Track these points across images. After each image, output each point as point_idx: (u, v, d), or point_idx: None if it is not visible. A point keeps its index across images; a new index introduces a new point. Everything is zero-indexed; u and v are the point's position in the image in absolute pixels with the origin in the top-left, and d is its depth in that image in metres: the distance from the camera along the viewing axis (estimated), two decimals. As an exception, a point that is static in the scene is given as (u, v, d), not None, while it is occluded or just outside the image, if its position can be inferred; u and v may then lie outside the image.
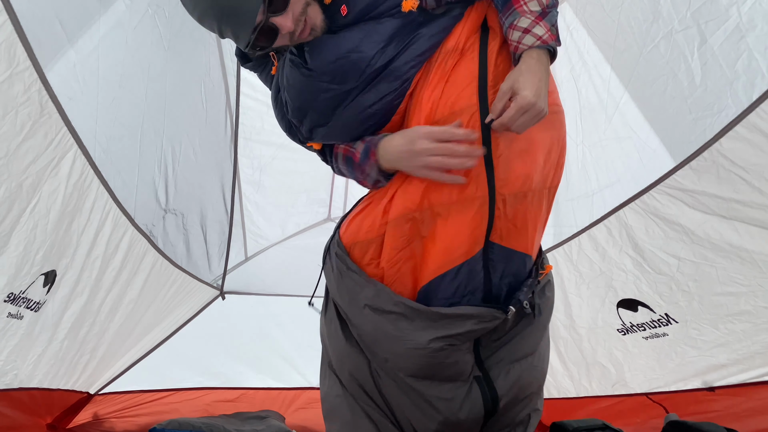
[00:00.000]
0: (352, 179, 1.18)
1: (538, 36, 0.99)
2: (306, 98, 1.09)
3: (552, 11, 1.01)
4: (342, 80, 1.04)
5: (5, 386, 1.85)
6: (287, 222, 3.44)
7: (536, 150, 1.07)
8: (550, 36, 0.99)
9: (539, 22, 0.99)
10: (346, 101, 1.06)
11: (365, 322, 1.10)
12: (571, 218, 2.29)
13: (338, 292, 1.17)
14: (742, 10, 1.49)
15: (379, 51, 1.02)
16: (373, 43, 1.02)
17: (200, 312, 3.09)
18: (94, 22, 1.55)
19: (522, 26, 1.00)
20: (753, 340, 1.77)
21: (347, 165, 1.14)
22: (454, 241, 1.04)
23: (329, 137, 1.14)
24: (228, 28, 1.00)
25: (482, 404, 1.06)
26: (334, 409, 1.17)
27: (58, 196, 1.61)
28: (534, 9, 1.00)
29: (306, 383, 3.26)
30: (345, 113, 1.07)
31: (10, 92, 1.29)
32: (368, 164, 1.09)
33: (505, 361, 1.11)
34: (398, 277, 1.09)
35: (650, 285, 2.03)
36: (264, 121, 2.75)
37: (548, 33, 0.99)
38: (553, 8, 1.02)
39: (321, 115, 1.09)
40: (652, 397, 2.19)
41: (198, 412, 2.84)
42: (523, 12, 1.00)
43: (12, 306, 1.64)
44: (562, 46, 1.08)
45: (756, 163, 1.56)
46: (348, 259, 1.14)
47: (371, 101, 1.06)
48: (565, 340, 2.51)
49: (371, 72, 1.03)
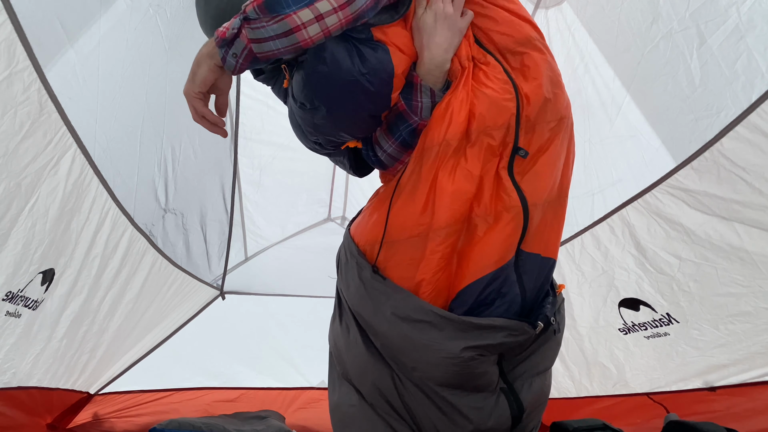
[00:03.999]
0: (399, 150, 1.13)
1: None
2: (308, 123, 1.10)
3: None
4: (317, 98, 1.04)
5: (4, 385, 1.85)
6: (287, 222, 3.44)
7: (557, 157, 1.09)
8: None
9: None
10: (338, 110, 1.06)
11: (391, 331, 1.08)
12: (573, 217, 2.28)
13: (360, 302, 1.14)
14: (742, 11, 1.48)
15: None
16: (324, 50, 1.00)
17: (200, 312, 3.09)
18: (95, 21, 1.55)
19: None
20: (753, 341, 1.76)
21: (396, 125, 1.10)
22: (487, 250, 1.04)
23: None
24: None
25: (509, 415, 1.06)
26: (349, 419, 1.15)
27: (57, 195, 1.61)
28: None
29: (306, 383, 3.26)
30: (346, 118, 1.08)
31: (10, 91, 1.30)
32: (417, 93, 1.06)
33: (528, 374, 1.11)
34: (436, 286, 1.07)
35: (652, 284, 2.03)
36: (264, 121, 2.75)
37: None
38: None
39: (328, 132, 1.10)
40: (653, 397, 2.19)
41: (198, 412, 2.84)
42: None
43: (10, 304, 1.64)
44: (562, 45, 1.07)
45: (756, 164, 1.55)
46: (371, 268, 1.11)
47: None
48: (566, 340, 2.51)
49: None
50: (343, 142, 1.16)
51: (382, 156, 1.14)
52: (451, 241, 1.04)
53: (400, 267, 1.08)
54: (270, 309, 3.28)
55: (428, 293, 1.06)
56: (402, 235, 1.07)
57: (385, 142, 1.12)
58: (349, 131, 1.12)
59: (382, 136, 1.13)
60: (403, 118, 1.08)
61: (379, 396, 1.12)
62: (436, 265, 1.05)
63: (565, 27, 2.06)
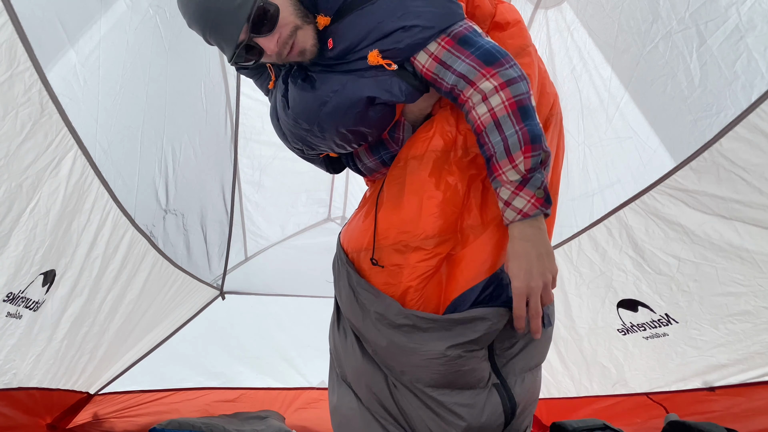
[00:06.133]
0: (378, 165, 1.19)
1: (518, 210, 0.94)
2: (298, 137, 1.12)
3: (535, 175, 0.94)
4: (320, 125, 1.06)
5: (4, 386, 1.85)
6: (287, 222, 3.44)
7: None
8: (533, 206, 0.93)
9: (519, 192, 0.94)
10: (335, 137, 1.08)
11: (379, 336, 1.09)
12: (572, 218, 2.29)
13: (351, 309, 1.16)
14: (742, 11, 1.49)
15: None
16: (343, 88, 1.02)
17: (200, 312, 3.09)
18: (95, 22, 1.55)
19: (503, 198, 0.96)
20: (753, 341, 1.77)
21: (378, 149, 1.16)
22: (479, 258, 1.05)
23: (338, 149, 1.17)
24: (212, 39, 1.00)
25: (502, 410, 1.07)
26: (347, 421, 1.17)
27: (58, 197, 1.61)
28: (513, 179, 0.94)
29: (306, 383, 3.26)
30: (339, 142, 1.10)
31: (11, 93, 1.30)
32: (400, 129, 1.13)
33: (520, 369, 1.12)
34: (424, 293, 1.08)
35: (650, 285, 2.03)
36: (264, 121, 2.75)
37: (530, 203, 0.94)
38: (537, 171, 0.94)
39: (316, 147, 1.13)
40: (653, 397, 2.19)
41: (198, 412, 2.84)
42: (503, 182, 0.95)
43: (11, 305, 1.64)
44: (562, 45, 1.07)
45: (756, 163, 1.56)
46: (358, 275, 1.14)
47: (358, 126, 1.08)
48: (566, 340, 2.51)
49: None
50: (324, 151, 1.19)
51: (362, 167, 1.21)
52: (439, 250, 1.06)
53: (385, 273, 1.09)
54: (270, 309, 3.28)
55: (415, 301, 1.07)
56: (387, 242, 1.09)
57: (366, 158, 1.18)
58: (338, 148, 1.15)
59: (364, 153, 1.18)
60: (384, 146, 1.15)
61: (375, 401, 1.13)
62: (422, 272, 1.06)
63: (564, 27, 2.07)
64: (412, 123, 1.13)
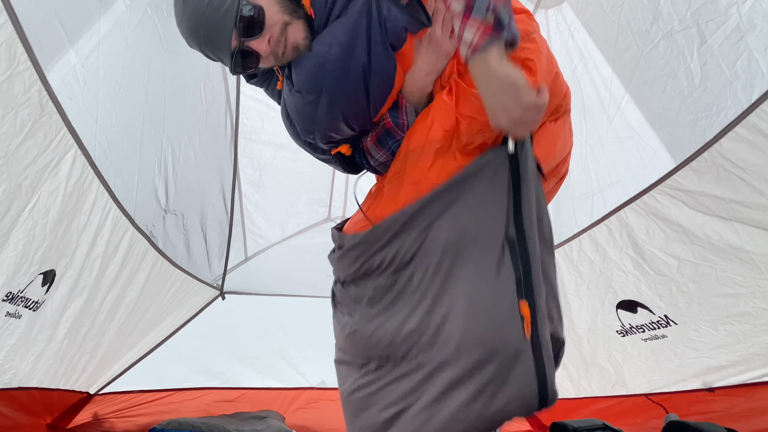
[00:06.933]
0: (390, 159, 1.16)
1: (468, 43, 0.83)
2: (307, 117, 1.10)
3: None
4: (325, 88, 1.04)
5: (4, 385, 1.85)
6: (287, 222, 3.44)
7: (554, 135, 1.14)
8: (483, 34, 0.81)
9: (467, 22, 0.82)
10: (341, 102, 1.06)
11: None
12: (572, 218, 2.28)
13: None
14: (742, 11, 1.48)
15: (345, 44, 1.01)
16: (337, 39, 1.01)
17: (200, 312, 3.09)
18: (94, 22, 1.55)
19: (457, 32, 0.85)
20: (752, 342, 1.77)
21: (385, 139, 1.13)
22: None
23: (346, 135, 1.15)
24: (209, 52, 1.02)
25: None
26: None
27: (58, 196, 1.61)
28: (458, 9, 0.83)
29: (306, 383, 3.26)
30: (347, 112, 1.08)
31: (10, 92, 1.30)
32: (402, 112, 1.09)
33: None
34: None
35: (650, 286, 2.03)
36: (264, 121, 2.75)
37: (479, 32, 0.81)
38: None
39: (328, 126, 1.11)
40: (652, 398, 2.19)
41: (198, 412, 2.84)
42: (454, 18, 0.85)
43: (10, 305, 1.64)
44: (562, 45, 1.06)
45: (756, 164, 1.55)
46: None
47: (364, 94, 1.06)
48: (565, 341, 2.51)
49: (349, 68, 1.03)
50: (336, 142, 1.17)
51: (375, 164, 1.19)
52: None
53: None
54: (270, 309, 3.28)
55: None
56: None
57: (377, 152, 1.17)
58: (348, 123, 1.13)
59: (373, 147, 1.17)
60: (390, 134, 1.13)
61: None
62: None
63: (564, 27, 2.06)
64: (414, 105, 1.10)
